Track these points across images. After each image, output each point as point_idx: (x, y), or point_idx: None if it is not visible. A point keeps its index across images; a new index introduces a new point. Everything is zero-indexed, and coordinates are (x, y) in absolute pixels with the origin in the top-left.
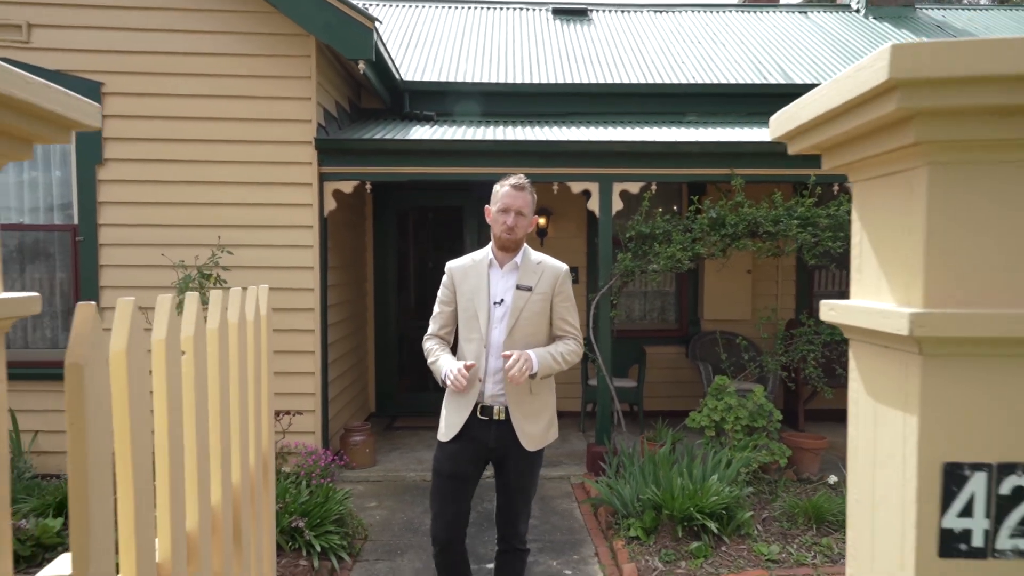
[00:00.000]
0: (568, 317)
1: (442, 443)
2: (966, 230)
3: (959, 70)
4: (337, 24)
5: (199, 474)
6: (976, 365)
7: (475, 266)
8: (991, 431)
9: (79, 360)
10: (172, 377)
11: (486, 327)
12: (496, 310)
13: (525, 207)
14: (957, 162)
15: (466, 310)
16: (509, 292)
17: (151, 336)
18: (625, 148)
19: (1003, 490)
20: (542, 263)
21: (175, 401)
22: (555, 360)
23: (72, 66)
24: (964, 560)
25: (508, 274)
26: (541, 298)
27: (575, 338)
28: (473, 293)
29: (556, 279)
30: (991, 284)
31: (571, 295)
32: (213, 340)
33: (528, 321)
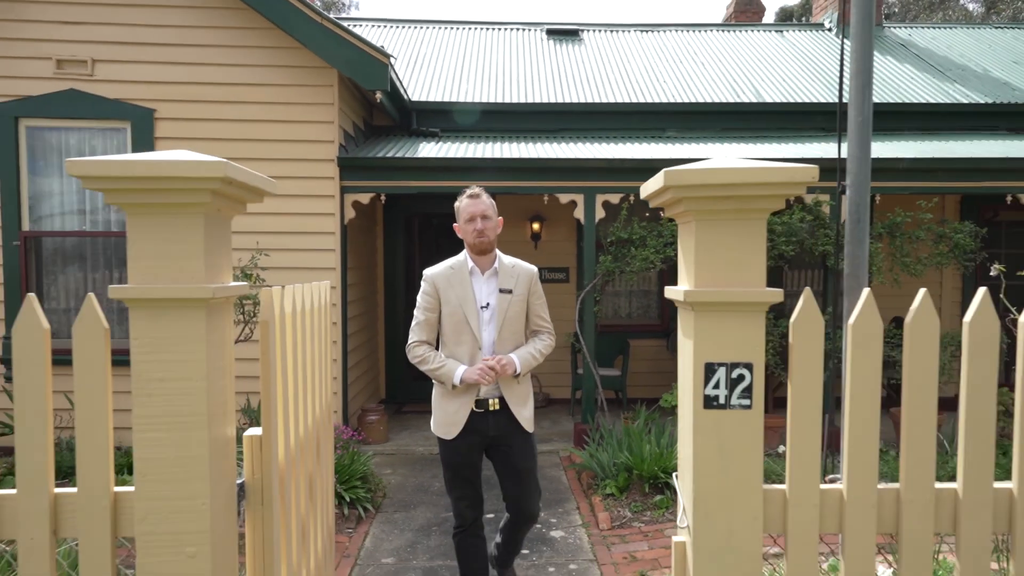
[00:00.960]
0: (542, 313)
1: (447, 441)
2: (711, 250)
3: (694, 179)
4: (357, 60)
5: (306, 399)
6: (718, 315)
7: (456, 273)
8: (726, 346)
9: (267, 319)
10: (296, 335)
11: (477, 329)
12: (484, 313)
13: (488, 210)
14: (705, 218)
15: (454, 315)
16: (493, 296)
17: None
18: (605, 164)
19: (733, 375)
20: (516, 266)
21: (297, 350)
22: (533, 357)
23: (129, 95)
24: (715, 410)
25: (489, 279)
26: (520, 299)
27: (548, 332)
28: (460, 300)
29: (530, 280)
30: (723, 276)
31: (542, 292)
32: (306, 317)
33: (512, 320)
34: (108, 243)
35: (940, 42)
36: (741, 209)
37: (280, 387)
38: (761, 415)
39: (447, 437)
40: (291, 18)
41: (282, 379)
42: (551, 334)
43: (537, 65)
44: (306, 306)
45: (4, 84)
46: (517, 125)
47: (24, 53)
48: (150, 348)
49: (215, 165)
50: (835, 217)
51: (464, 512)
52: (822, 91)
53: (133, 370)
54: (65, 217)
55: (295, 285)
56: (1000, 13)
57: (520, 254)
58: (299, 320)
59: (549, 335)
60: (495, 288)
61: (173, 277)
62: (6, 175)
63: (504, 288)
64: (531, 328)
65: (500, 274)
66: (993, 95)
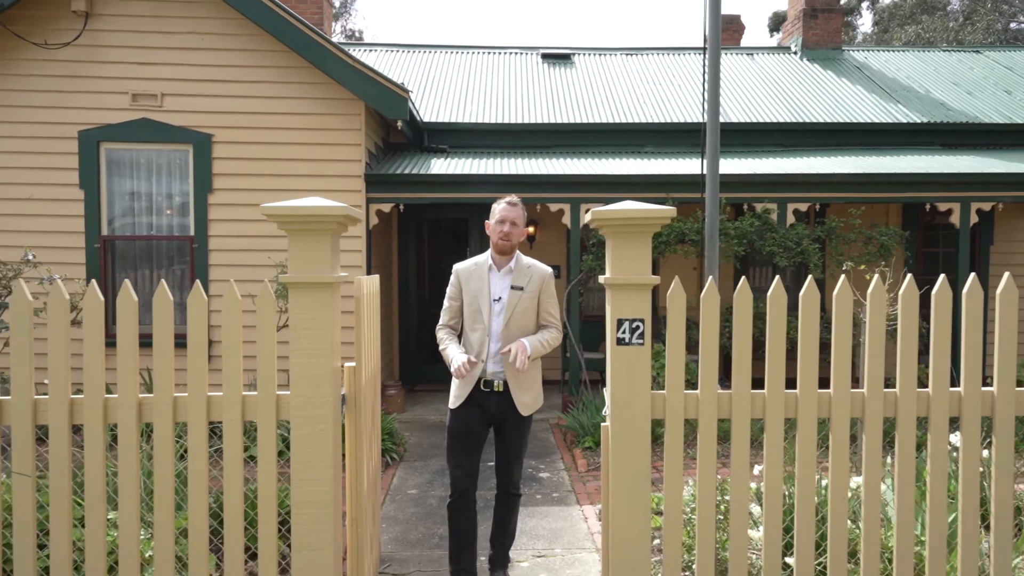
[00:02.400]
0: (552, 310)
1: (453, 409)
2: (618, 254)
3: (607, 216)
4: (381, 95)
5: (371, 350)
6: (623, 291)
7: (477, 269)
8: (627, 309)
9: (358, 295)
10: (368, 308)
11: (488, 319)
12: (495, 306)
13: (517, 219)
14: (614, 236)
15: (471, 305)
16: (505, 291)
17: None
18: (588, 179)
19: (632, 326)
20: (532, 267)
21: (371, 316)
22: (541, 345)
23: (191, 123)
24: (623, 346)
25: (504, 276)
26: (530, 296)
27: (556, 327)
28: (477, 292)
29: (543, 280)
30: (624, 268)
31: (554, 292)
32: (371, 298)
33: (520, 315)
34: (162, 245)
35: (891, 65)
36: (633, 232)
37: (363, 338)
38: (649, 349)
39: (454, 406)
40: (328, 60)
41: (365, 333)
42: (558, 329)
43: (533, 87)
44: (371, 290)
45: (89, 114)
46: (515, 142)
47: (105, 89)
48: (302, 310)
49: (339, 207)
50: (782, 222)
51: (458, 480)
52: (781, 111)
53: (292, 323)
54: (134, 224)
55: (365, 276)
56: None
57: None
58: (368, 299)
59: (556, 329)
60: (508, 285)
61: (314, 270)
62: (89, 190)
63: (516, 285)
64: (540, 322)
65: (515, 273)
66: (930, 115)
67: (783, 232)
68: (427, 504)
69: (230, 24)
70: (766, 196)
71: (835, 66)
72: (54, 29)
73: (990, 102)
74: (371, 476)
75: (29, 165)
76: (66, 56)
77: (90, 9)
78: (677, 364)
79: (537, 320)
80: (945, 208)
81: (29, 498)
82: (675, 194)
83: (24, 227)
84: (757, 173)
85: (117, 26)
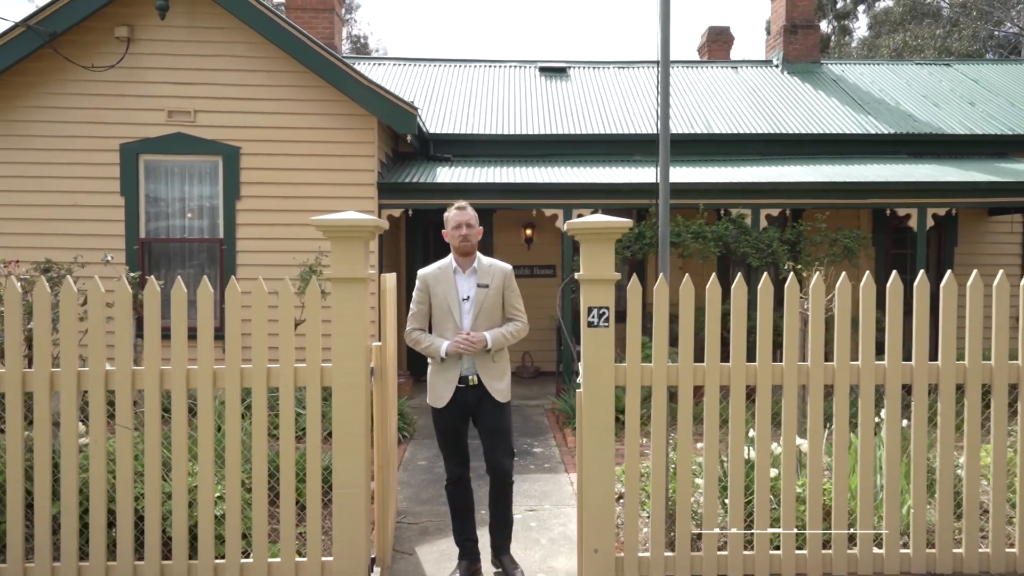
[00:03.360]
0: (516, 304)
1: (438, 409)
2: (588, 255)
3: (579, 226)
4: (393, 112)
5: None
6: (592, 284)
7: (443, 273)
8: (595, 299)
9: (384, 288)
10: (391, 298)
11: (459, 317)
12: (464, 304)
13: (472, 220)
14: (585, 241)
15: (440, 307)
16: (472, 290)
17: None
18: (578, 187)
19: (600, 312)
20: (492, 265)
21: (391, 306)
22: (504, 337)
23: (221, 137)
24: (592, 328)
25: (469, 277)
26: (495, 292)
27: (521, 320)
28: (445, 294)
29: (504, 277)
30: (594, 267)
31: (516, 287)
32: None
33: (488, 310)
34: (194, 247)
35: (866, 78)
36: (600, 238)
37: (386, 323)
38: (613, 330)
39: (437, 406)
40: (344, 81)
41: (387, 319)
42: (523, 322)
43: (531, 99)
44: (390, 285)
45: (129, 129)
46: (514, 151)
47: (144, 106)
48: (341, 300)
49: (371, 220)
50: (755, 226)
51: (452, 468)
52: (761, 123)
53: (333, 310)
54: (169, 227)
55: (387, 274)
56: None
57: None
58: (389, 293)
59: (522, 322)
60: (474, 284)
61: (351, 270)
62: (129, 197)
63: (481, 283)
64: (506, 315)
65: (479, 272)
66: (898, 126)
67: (756, 235)
68: (435, 473)
69: (256, 48)
70: (740, 202)
71: (813, 79)
72: (99, 53)
73: (954, 114)
74: (391, 434)
75: (76, 175)
76: (109, 77)
77: (131, 35)
78: (635, 343)
79: (503, 314)
80: (904, 213)
81: (129, 447)
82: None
83: (72, 230)
84: (733, 182)
85: (155, 50)
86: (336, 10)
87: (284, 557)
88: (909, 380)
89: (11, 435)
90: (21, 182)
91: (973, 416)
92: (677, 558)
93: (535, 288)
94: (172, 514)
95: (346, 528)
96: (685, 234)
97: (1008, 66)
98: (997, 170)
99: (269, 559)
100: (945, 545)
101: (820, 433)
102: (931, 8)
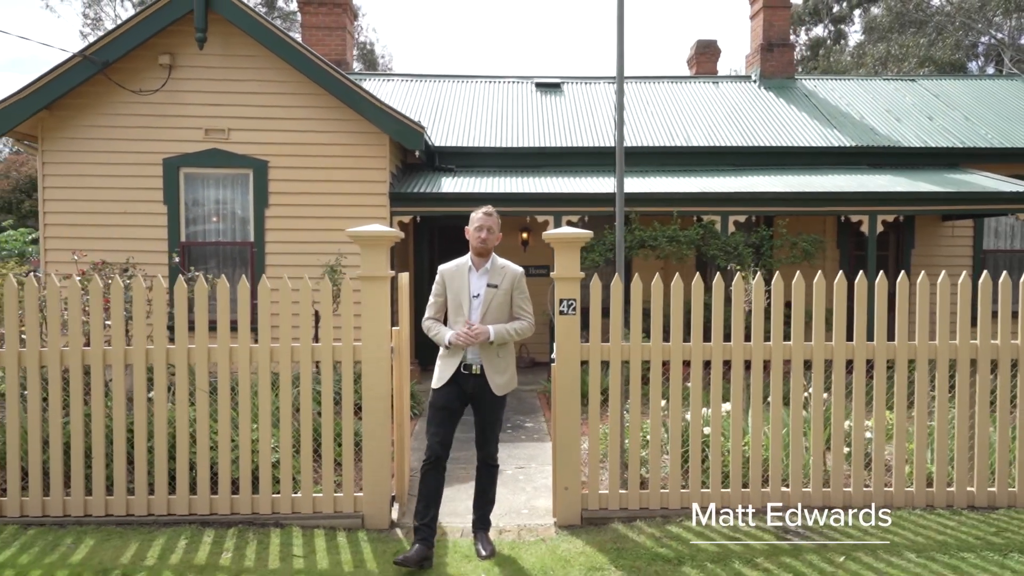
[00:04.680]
0: (523, 305)
1: (436, 388)
2: (561, 259)
3: (554, 236)
4: (403, 130)
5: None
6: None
7: (459, 270)
8: (565, 293)
9: (401, 285)
10: (405, 292)
11: (468, 312)
12: (474, 301)
13: (494, 226)
14: (558, 248)
15: (453, 300)
16: (482, 289)
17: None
18: (567, 196)
19: (569, 303)
20: (505, 267)
21: (405, 298)
22: (508, 333)
23: (252, 152)
24: (563, 316)
25: (482, 276)
26: (504, 292)
27: (527, 319)
28: (458, 290)
29: (514, 279)
30: (565, 267)
31: (525, 289)
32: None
33: (496, 308)
34: (228, 249)
35: (836, 93)
36: (568, 246)
37: (402, 312)
38: (579, 318)
39: (437, 386)
40: (360, 103)
41: (403, 309)
42: (530, 322)
43: (527, 114)
44: (405, 282)
45: (171, 145)
46: (512, 162)
47: (184, 125)
48: (369, 294)
49: (392, 232)
50: (724, 231)
51: (434, 447)
52: (736, 136)
53: (363, 301)
54: (205, 232)
55: (403, 273)
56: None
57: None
58: (404, 288)
59: (528, 322)
60: (485, 283)
61: (376, 270)
62: (171, 205)
63: (492, 283)
64: (513, 314)
65: (491, 272)
66: (860, 139)
67: (724, 239)
68: None
69: (282, 73)
70: (711, 209)
71: (787, 94)
72: (145, 78)
73: (913, 127)
74: (406, 401)
75: (125, 186)
76: (154, 99)
77: (173, 62)
78: (596, 327)
79: (511, 313)
80: (857, 220)
81: (205, 409)
82: (637, 208)
83: (123, 235)
84: (705, 191)
85: (193, 75)
86: (348, 28)
87: (325, 492)
88: (830, 356)
89: (116, 401)
90: (79, 192)
91: (880, 387)
92: (629, 494)
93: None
94: (240, 459)
95: (373, 470)
96: (661, 237)
97: (969, 81)
98: (944, 180)
99: (313, 494)
100: (838, 484)
101: (740, 399)
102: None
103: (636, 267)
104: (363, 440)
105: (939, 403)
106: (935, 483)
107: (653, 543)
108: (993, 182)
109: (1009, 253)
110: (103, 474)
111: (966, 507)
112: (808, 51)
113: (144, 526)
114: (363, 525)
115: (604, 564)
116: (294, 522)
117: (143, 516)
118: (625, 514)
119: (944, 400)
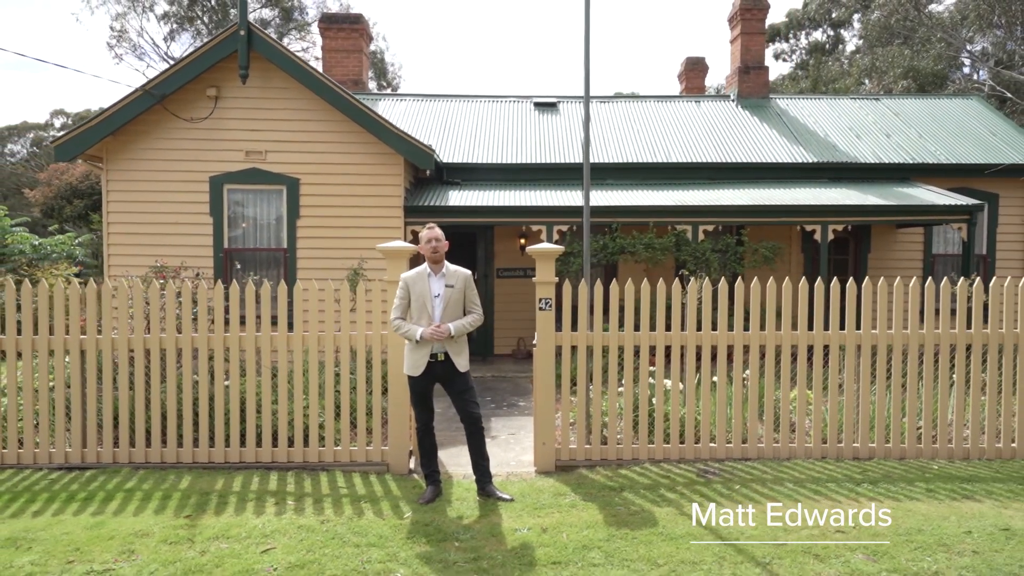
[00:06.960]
0: (474, 300)
1: (413, 377)
2: (540, 266)
3: (536, 250)
4: (415, 152)
5: None
6: (542, 284)
7: (419, 276)
8: (544, 293)
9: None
10: None
11: (432, 310)
12: (436, 300)
13: (439, 236)
14: (538, 258)
15: (417, 301)
16: (442, 289)
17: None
18: (558, 209)
19: (547, 300)
20: (457, 271)
21: None
22: (464, 326)
23: (285, 170)
24: (542, 311)
25: (439, 279)
26: (459, 291)
27: (477, 312)
28: (422, 292)
29: (466, 280)
30: (543, 272)
31: (474, 287)
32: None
33: (453, 305)
34: (265, 255)
35: (806, 112)
36: (545, 257)
37: None
38: (554, 313)
39: (414, 375)
40: (379, 129)
41: None
42: (479, 314)
43: (526, 132)
44: None
45: (216, 165)
46: (511, 177)
47: (227, 148)
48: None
49: (410, 247)
50: (695, 238)
51: (421, 417)
52: (712, 152)
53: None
54: (245, 239)
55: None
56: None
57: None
58: None
59: (478, 314)
60: (443, 284)
61: (397, 272)
62: (216, 217)
63: (449, 284)
64: (467, 309)
65: (447, 276)
66: (822, 155)
67: (694, 246)
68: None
69: (311, 103)
70: (683, 220)
71: (761, 113)
72: (195, 108)
73: (871, 145)
74: None
75: (177, 200)
76: (202, 126)
77: (218, 94)
78: (567, 320)
79: (464, 307)
80: (811, 229)
81: (268, 381)
82: (619, 219)
83: (175, 242)
84: (678, 204)
85: (236, 105)
86: (364, 51)
87: (359, 446)
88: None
89: (202, 374)
90: (138, 206)
91: (802, 367)
92: (592, 448)
93: (527, 286)
94: (293, 421)
95: (396, 430)
96: (639, 244)
97: (928, 100)
98: (891, 194)
99: (350, 447)
100: (753, 441)
101: (681, 374)
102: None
103: (622, 270)
104: (388, 406)
105: (847, 380)
106: (828, 440)
107: (605, 479)
108: (932, 195)
109: (956, 256)
110: (191, 431)
111: (851, 458)
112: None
113: (223, 470)
114: (388, 471)
115: (567, 492)
116: (336, 468)
117: (220, 463)
118: (589, 463)
119: (852, 377)
